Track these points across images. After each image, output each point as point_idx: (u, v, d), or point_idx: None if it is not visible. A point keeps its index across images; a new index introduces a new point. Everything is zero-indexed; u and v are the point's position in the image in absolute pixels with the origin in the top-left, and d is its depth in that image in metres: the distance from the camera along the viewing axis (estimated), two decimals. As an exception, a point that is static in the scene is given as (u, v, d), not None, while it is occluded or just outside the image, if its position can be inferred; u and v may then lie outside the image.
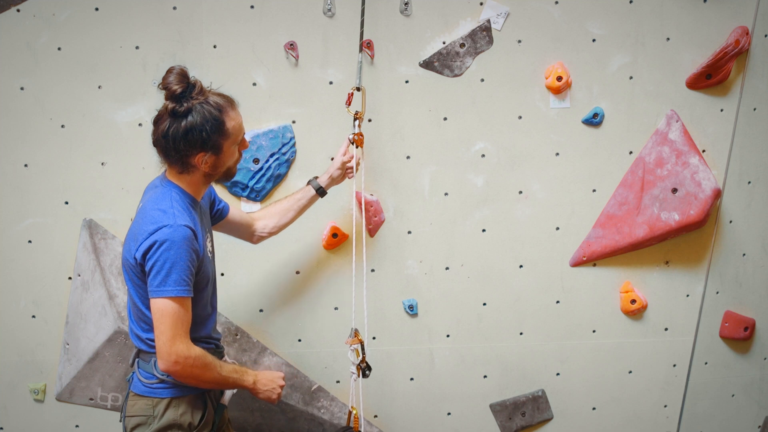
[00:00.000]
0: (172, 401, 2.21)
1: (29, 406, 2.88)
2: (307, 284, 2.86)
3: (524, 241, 2.92)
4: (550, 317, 2.98)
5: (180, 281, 2.08)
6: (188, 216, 2.15)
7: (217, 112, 2.14)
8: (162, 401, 2.21)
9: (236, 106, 2.22)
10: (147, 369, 2.23)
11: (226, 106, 2.17)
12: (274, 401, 2.37)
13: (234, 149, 2.24)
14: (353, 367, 2.57)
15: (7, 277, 2.79)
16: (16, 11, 2.63)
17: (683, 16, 2.81)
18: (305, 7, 2.70)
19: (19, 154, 2.72)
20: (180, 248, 2.08)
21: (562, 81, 2.79)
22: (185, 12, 2.67)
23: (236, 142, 2.23)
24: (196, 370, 2.13)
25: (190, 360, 2.11)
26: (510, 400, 3.03)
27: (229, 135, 2.18)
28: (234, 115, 2.19)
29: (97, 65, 2.67)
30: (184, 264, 2.09)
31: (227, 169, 2.26)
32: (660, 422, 3.11)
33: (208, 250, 2.27)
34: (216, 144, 2.16)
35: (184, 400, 2.22)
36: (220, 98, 2.17)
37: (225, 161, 2.22)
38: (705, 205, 2.82)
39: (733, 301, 3.06)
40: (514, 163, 2.86)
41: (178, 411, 2.21)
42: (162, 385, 2.21)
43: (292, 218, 2.64)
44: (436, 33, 2.76)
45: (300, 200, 2.63)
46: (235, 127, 2.20)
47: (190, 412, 2.22)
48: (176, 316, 2.09)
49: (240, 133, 2.23)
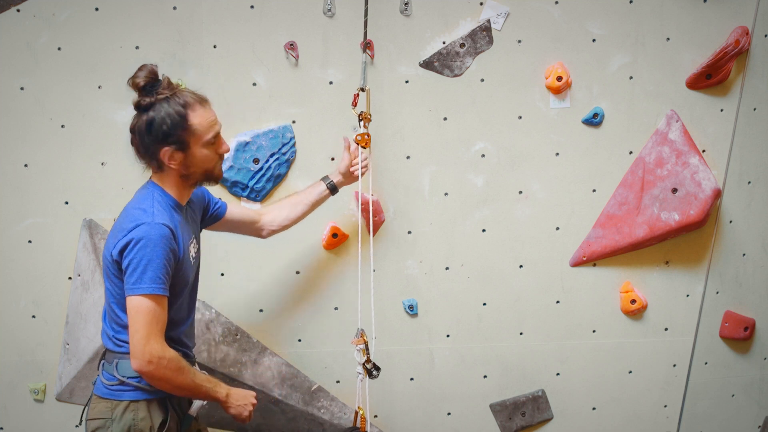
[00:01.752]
0: (130, 404, 2.15)
1: (29, 406, 2.88)
2: (307, 284, 2.86)
3: (524, 241, 2.92)
4: (550, 317, 2.98)
5: (156, 279, 2.06)
6: (168, 216, 2.13)
7: (179, 107, 2.11)
8: (121, 404, 2.15)
9: (207, 105, 2.18)
10: (109, 370, 2.18)
11: (193, 103, 2.14)
12: (244, 420, 2.27)
13: (206, 150, 2.18)
14: (359, 368, 2.56)
15: (7, 277, 2.79)
16: (16, 11, 2.63)
17: (683, 16, 2.81)
18: (305, 7, 2.70)
19: (19, 154, 2.72)
20: (156, 246, 2.06)
21: (562, 81, 2.79)
22: (185, 12, 2.67)
23: (205, 142, 2.16)
24: (169, 372, 2.08)
25: (164, 361, 2.06)
26: (510, 400, 3.03)
27: (194, 131, 2.13)
28: (202, 113, 2.15)
29: (97, 65, 2.67)
30: (161, 262, 2.06)
31: (205, 171, 2.20)
32: (660, 422, 3.11)
33: (191, 255, 2.23)
34: (180, 139, 2.12)
35: (144, 404, 2.16)
36: (189, 95, 2.15)
37: (196, 162, 2.17)
38: (705, 205, 2.82)
39: (733, 301, 3.05)
40: (514, 163, 2.86)
41: (138, 415, 2.15)
42: (122, 387, 2.16)
43: (303, 212, 2.62)
44: (436, 33, 2.76)
45: (310, 195, 2.61)
46: (203, 125, 2.15)
47: (149, 417, 2.16)
48: (151, 314, 2.05)
49: (209, 132, 2.16)
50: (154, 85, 2.12)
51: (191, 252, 2.24)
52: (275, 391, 2.87)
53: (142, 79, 2.11)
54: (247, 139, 2.73)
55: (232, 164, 2.72)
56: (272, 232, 2.61)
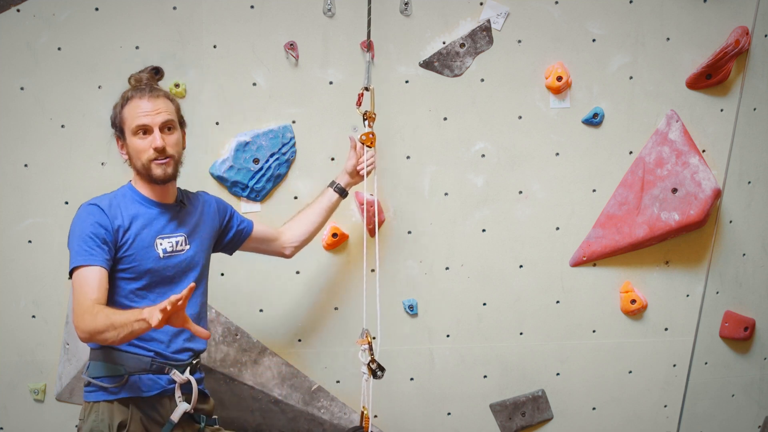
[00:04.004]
0: (93, 405, 2.19)
1: (29, 406, 2.88)
2: (307, 284, 2.86)
3: (524, 241, 2.92)
4: (550, 317, 2.98)
5: (79, 251, 2.11)
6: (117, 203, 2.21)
7: (124, 98, 2.24)
8: (88, 405, 2.20)
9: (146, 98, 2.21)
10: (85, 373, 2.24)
11: (135, 95, 2.22)
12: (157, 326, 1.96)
13: (136, 140, 2.20)
14: (364, 368, 2.55)
15: (7, 277, 2.79)
16: (16, 11, 2.63)
17: (683, 16, 2.81)
18: (305, 7, 2.70)
19: (19, 154, 2.72)
20: (78, 220, 2.16)
21: (562, 81, 2.79)
22: (185, 12, 2.67)
23: (131, 129, 2.20)
24: (108, 335, 2.01)
25: (97, 331, 2.01)
26: (510, 400, 3.03)
27: (125, 120, 2.22)
28: (136, 101, 2.21)
29: (97, 65, 2.67)
30: (83, 234, 2.12)
31: (142, 165, 2.22)
32: (660, 422, 3.11)
33: (160, 248, 2.22)
34: (119, 125, 2.24)
35: (104, 405, 2.18)
36: (140, 88, 2.24)
37: (131, 151, 2.24)
38: (705, 205, 2.82)
39: (733, 301, 3.05)
40: (514, 163, 2.86)
41: (98, 416, 2.17)
42: (89, 388, 2.20)
43: (319, 222, 2.63)
44: (436, 33, 2.76)
45: (322, 203, 2.62)
46: (130, 114, 2.20)
47: (108, 417, 2.16)
48: (78, 288, 2.08)
49: (133, 119, 2.20)
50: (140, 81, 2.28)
51: (161, 244, 2.23)
52: (275, 391, 2.87)
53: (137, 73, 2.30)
54: (247, 139, 2.73)
55: (232, 164, 2.72)
56: (295, 249, 2.62)
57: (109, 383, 2.17)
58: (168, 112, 2.23)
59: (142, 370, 2.20)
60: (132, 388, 2.18)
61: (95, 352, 2.22)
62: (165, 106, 2.23)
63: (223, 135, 2.74)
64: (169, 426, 2.21)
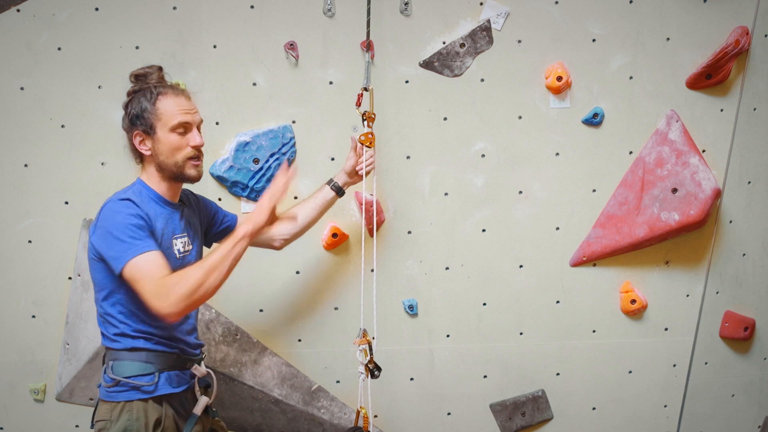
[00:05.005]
0: (126, 405, 2.17)
1: (29, 406, 2.88)
2: (307, 284, 2.86)
3: (524, 241, 2.92)
4: (550, 317, 2.98)
5: (130, 242, 2.04)
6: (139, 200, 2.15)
7: (152, 93, 2.18)
8: (118, 405, 2.17)
9: (181, 94, 2.21)
10: (107, 372, 2.20)
11: (168, 91, 2.19)
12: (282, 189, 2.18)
13: (173, 137, 2.18)
14: (361, 368, 2.55)
15: (7, 277, 2.79)
16: (16, 11, 2.63)
17: (683, 16, 2.81)
18: (305, 7, 2.70)
19: (19, 154, 2.72)
20: (115, 215, 2.08)
21: (562, 81, 2.79)
22: (185, 12, 2.67)
23: (170, 126, 2.17)
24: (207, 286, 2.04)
25: (187, 297, 2.01)
26: (510, 400, 3.03)
27: (159, 116, 2.16)
28: (174, 100, 2.18)
29: (97, 65, 2.67)
30: (127, 225, 2.06)
31: (175, 163, 2.20)
32: (660, 422, 3.11)
33: (175, 247, 2.23)
34: (147, 122, 2.17)
35: (138, 404, 2.17)
36: (168, 86, 2.21)
37: (163, 148, 2.18)
38: (705, 205, 2.82)
39: (733, 301, 3.06)
40: (514, 163, 2.86)
41: (132, 415, 2.16)
42: (117, 388, 2.18)
43: (312, 218, 2.62)
44: (436, 33, 2.76)
45: (317, 199, 2.61)
46: (168, 110, 2.17)
47: (143, 416, 2.17)
48: (145, 276, 2.02)
49: (173, 116, 2.17)
50: (147, 76, 2.20)
51: (176, 245, 2.24)
52: (275, 391, 2.87)
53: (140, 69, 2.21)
54: (247, 139, 2.73)
55: (232, 164, 2.72)
56: (285, 242, 2.61)
57: (145, 381, 2.18)
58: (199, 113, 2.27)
59: (170, 366, 2.23)
60: (165, 385, 2.21)
61: (120, 353, 2.19)
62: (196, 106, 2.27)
63: (223, 135, 2.74)
64: (193, 419, 2.26)
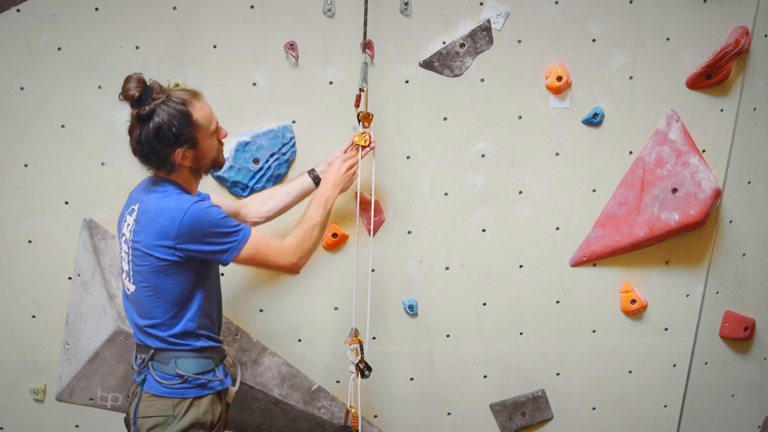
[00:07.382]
0: (194, 401, 2.22)
1: (29, 406, 2.88)
2: (307, 284, 2.86)
3: (524, 241, 2.92)
4: (550, 317, 2.98)
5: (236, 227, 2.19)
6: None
7: (181, 105, 2.15)
8: (184, 401, 2.21)
9: (201, 97, 2.22)
10: (165, 370, 2.22)
11: (190, 99, 2.18)
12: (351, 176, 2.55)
13: (211, 140, 2.24)
14: (352, 367, 2.58)
15: (7, 277, 2.79)
16: (16, 11, 2.63)
17: (683, 16, 2.81)
18: (305, 7, 2.70)
19: (19, 154, 2.72)
20: (204, 213, 2.15)
21: (562, 81, 2.79)
22: (185, 12, 2.67)
23: (210, 132, 2.23)
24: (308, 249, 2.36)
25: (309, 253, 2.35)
26: (510, 400, 3.03)
27: (199, 126, 2.18)
28: (200, 106, 2.20)
29: (97, 65, 2.67)
30: (221, 216, 2.17)
31: (212, 160, 2.28)
32: (660, 422, 3.11)
33: None
34: (190, 137, 2.17)
35: (205, 399, 2.24)
36: (181, 92, 2.19)
37: (205, 153, 2.23)
38: (705, 205, 2.82)
39: (733, 301, 3.06)
40: (514, 163, 2.86)
41: (201, 410, 2.22)
42: (184, 385, 2.22)
43: (286, 204, 2.63)
44: (436, 33, 2.76)
45: (295, 187, 2.63)
46: (205, 117, 2.20)
47: (211, 410, 2.24)
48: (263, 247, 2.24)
49: (211, 122, 2.23)
50: (147, 92, 2.13)
51: None
52: (275, 391, 2.87)
53: (135, 90, 2.11)
54: (247, 139, 2.73)
55: (232, 164, 2.72)
56: (255, 223, 2.62)
57: (215, 377, 2.27)
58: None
59: (220, 360, 2.33)
60: (227, 379, 2.32)
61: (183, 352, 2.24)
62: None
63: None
64: (227, 408, 2.37)
